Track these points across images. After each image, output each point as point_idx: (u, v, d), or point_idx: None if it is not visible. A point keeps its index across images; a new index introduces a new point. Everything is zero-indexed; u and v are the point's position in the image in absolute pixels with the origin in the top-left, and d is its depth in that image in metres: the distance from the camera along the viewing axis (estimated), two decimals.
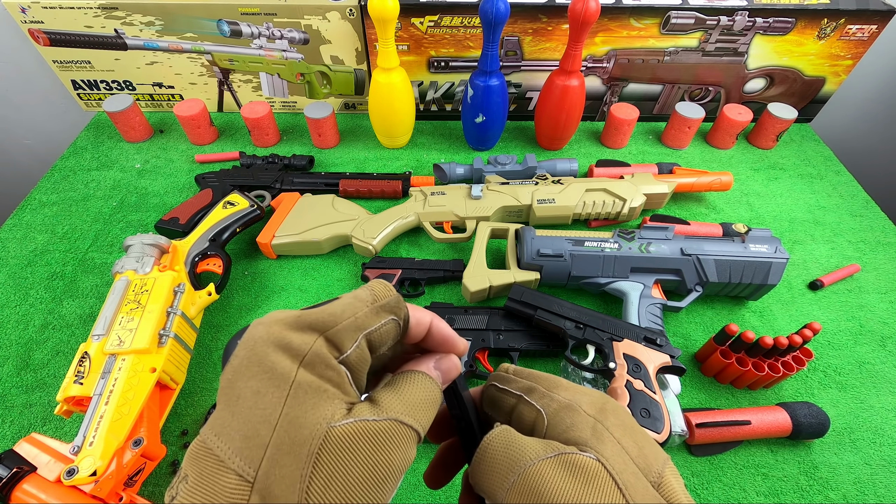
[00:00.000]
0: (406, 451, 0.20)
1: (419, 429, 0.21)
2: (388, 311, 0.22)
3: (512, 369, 0.27)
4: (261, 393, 0.18)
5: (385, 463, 0.19)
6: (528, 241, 0.64)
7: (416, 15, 0.79)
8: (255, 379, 0.18)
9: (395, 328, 0.22)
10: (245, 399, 0.18)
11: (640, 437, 0.22)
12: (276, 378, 0.18)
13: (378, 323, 0.21)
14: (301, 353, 0.19)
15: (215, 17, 0.81)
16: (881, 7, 0.79)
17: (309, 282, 0.68)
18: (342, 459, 0.18)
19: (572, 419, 0.22)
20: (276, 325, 0.20)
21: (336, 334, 0.20)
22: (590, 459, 0.20)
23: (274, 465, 0.17)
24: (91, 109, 0.98)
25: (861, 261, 0.72)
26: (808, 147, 0.92)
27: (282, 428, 0.18)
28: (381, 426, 0.19)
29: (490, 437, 0.23)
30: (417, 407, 0.21)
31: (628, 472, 0.20)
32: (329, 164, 0.86)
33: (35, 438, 0.45)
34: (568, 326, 0.56)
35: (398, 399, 0.21)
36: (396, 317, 0.22)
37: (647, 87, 0.90)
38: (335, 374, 0.20)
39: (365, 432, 0.19)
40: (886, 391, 0.58)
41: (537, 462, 0.21)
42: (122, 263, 0.58)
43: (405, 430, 0.20)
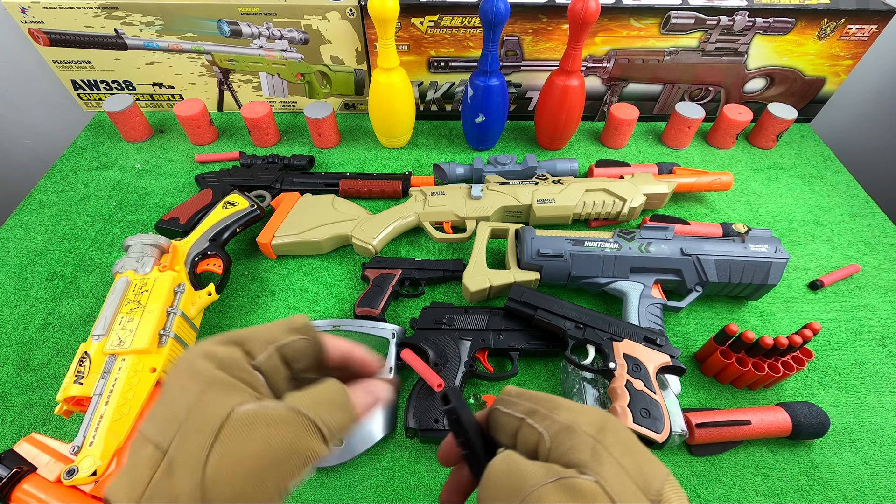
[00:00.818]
0: (303, 439, 0.23)
1: (318, 421, 0.23)
2: (299, 332, 0.27)
3: (515, 391, 0.28)
4: (184, 387, 0.22)
5: (279, 445, 0.22)
6: (528, 241, 0.64)
7: (416, 15, 0.79)
8: (182, 378, 0.23)
9: (307, 346, 0.27)
10: (172, 392, 0.23)
11: (640, 455, 0.23)
12: (197, 376, 0.23)
13: (289, 339, 0.26)
14: (221, 360, 0.23)
15: (215, 17, 0.81)
16: (881, 7, 0.79)
17: (309, 282, 0.68)
18: (239, 436, 0.21)
19: (572, 441, 0.23)
20: (206, 342, 0.25)
21: (251, 345, 0.25)
22: (588, 482, 0.21)
23: (183, 439, 0.21)
24: (91, 109, 0.98)
25: (861, 261, 0.72)
26: (808, 147, 0.92)
27: (195, 411, 0.22)
28: (279, 413, 0.23)
29: (493, 463, 0.24)
30: (319, 403, 0.24)
31: (627, 493, 0.21)
32: (329, 164, 0.86)
33: (35, 438, 0.45)
34: (568, 326, 0.56)
35: (301, 395, 0.24)
36: (307, 337, 0.28)
37: (647, 87, 0.90)
38: (248, 375, 0.24)
39: (263, 416, 0.22)
40: (886, 391, 0.58)
41: (538, 488, 0.22)
42: (122, 263, 0.58)
43: (303, 420, 0.23)
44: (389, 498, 0.50)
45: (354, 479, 0.51)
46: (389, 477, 0.51)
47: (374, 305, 0.62)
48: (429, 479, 0.51)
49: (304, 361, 0.28)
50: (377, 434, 0.52)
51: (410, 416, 0.52)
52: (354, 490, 0.50)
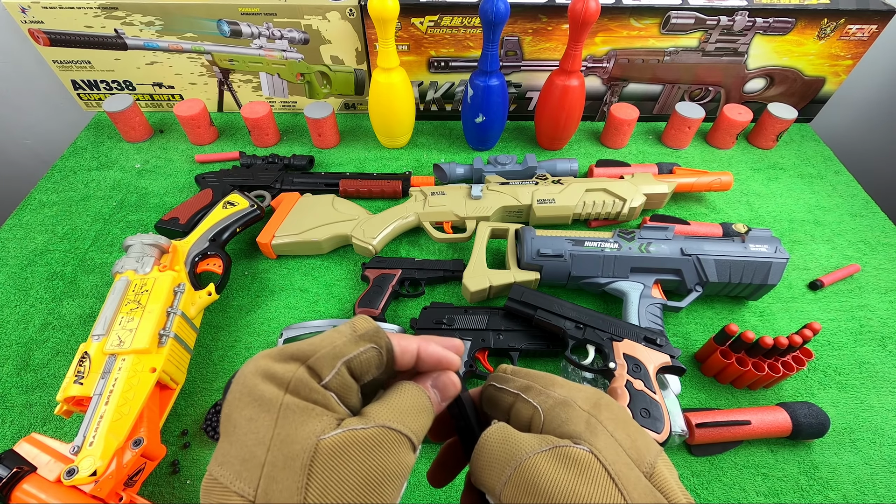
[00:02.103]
0: (398, 454, 0.21)
1: (409, 433, 0.22)
2: (366, 341, 0.24)
3: (510, 369, 0.28)
4: (253, 419, 0.20)
5: (378, 467, 0.20)
6: (528, 241, 0.64)
7: (416, 15, 0.79)
8: (247, 408, 0.20)
9: (376, 356, 0.24)
10: (240, 427, 0.20)
11: (633, 431, 0.23)
12: (266, 404, 0.20)
13: (357, 350, 0.23)
14: (286, 381, 0.21)
15: (215, 17, 0.81)
16: (881, 7, 0.79)
17: (309, 282, 0.68)
18: (334, 467, 0.19)
19: (567, 414, 0.23)
20: (261, 359, 0.21)
21: (315, 362, 0.22)
22: (583, 451, 0.21)
23: (271, 482, 0.19)
24: (91, 109, 0.98)
25: (861, 261, 0.72)
26: (808, 147, 0.92)
27: (275, 447, 0.19)
28: (370, 433, 0.21)
29: (487, 433, 0.24)
30: (405, 413, 0.22)
31: (620, 463, 0.21)
32: (329, 164, 0.86)
33: (35, 438, 0.45)
34: (568, 326, 0.56)
35: (385, 408, 0.22)
36: (376, 345, 0.24)
37: (647, 87, 0.90)
38: (320, 396, 0.21)
39: (353, 440, 0.20)
40: (886, 391, 0.58)
41: (532, 455, 0.21)
42: (122, 263, 0.58)
43: (394, 435, 0.21)
44: None
45: None
46: None
47: (374, 305, 0.62)
48: None
49: (374, 373, 0.24)
50: None
51: None
52: None
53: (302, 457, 0.19)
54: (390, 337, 0.25)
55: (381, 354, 0.24)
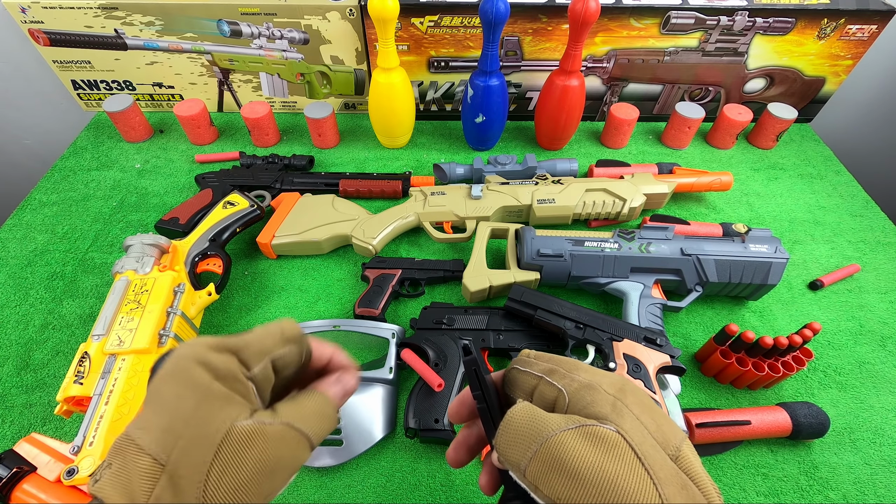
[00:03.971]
0: (295, 450, 0.24)
1: (309, 434, 0.25)
2: (292, 342, 0.27)
3: (533, 354, 0.29)
4: (181, 397, 0.22)
5: (275, 458, 0.23)
6: (528, 241, 0.64)
7: (416, 15, 0.79)
8: (178, 386, 0.23)
9: (297, 356, 0.28)
10: (168, 401, 0.23)
11: (658, 416, 0.24)
12: (195, 386, 0.23)
13: (283, 350, 0.27)
14: (217, 369, 0.24)
15: (215, 17, 0.81)
16: (881, 7, 0.79)
17: (309, 282, 0.68)
18: (239, 451, 0.22)
19: (592, 396, 0.24)
20: (200, 346, 0.24)
21: (247, 357, 0.25)
22: (610, 431, 0.21)
23: (183, 453, 0.21)
24: (91, 109, 0.98)
25: (861, 261, 0.72)
26: (808, 147, 0.92)
27: (194, 424, 0.22)
28: (275, 428, 0.24)
29: (514, 410, 0.24)
30: (309, 417, 0.25)
31: (647, 444, 0.21)
32: (329, 164, 0.86)
33: (35, 438, 0.45)
34: (568, 326, 0.56)
35: (293, 409, 0.25)
36: (299, 347, 0.28)
37: (647, 87, 0.90)
38: (242, 387, 0.24)
39: (260, 432, 0.23)
40: (886, 391, 0.58)
41: (559, 433, 0.22)
42: (122, 263, 0.58)
43: (295, 434, 0.24)
44: (389, 498, 0.50)
45: (354, 479, 0.51)
46: (389, 477, 0.51)
47: (374, 305, 0.62)
48: (429, 479, 0.51)
49: (292, 369, 0.28)
50: (377, 434, 0.52)
51: (410, 417, 0.52)
52: (354, 490, 0.50)
53: (214, 437, 0.22)
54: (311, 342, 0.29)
55: (301, 355, 0.28)
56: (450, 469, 0.51)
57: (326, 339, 0.59)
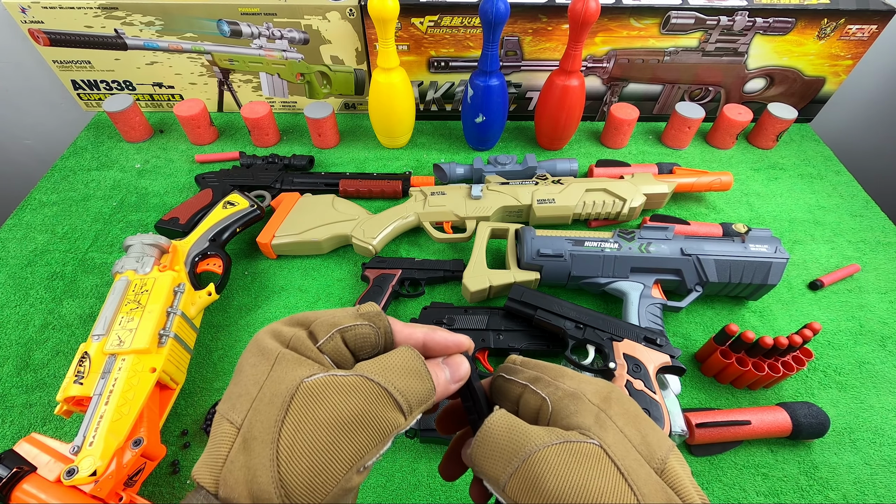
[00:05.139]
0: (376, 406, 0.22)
1: (391, 389, 0.23)
2: (364, 318, 0.26)
3: (520, 360, 0.28)
4: (255, 365, 0.23)
5: (351, 411, 0.21)
6: (528, 241, 0.64)
7: (416, 15, 0.79)
8: (253, 357, 0.24)
9: (371, 333, 0.25)
10: (244, 371, 0.23)
11: (644, 426, 0.23)
12: (267, 354, 0.23)
13: (351, 323, 0.25)
14: (287, 338, 0.24)
15: (215, 17, 0.81)
16: (881, 7, 0.79)
17: (309, 282, 0.68)
18: (310, 405, 0.21)
19: (576, 406, 0.23)
20: (273, 324, 0.25)
21: (315, 327, 0.25)
22: (592, 446, 0.21)
23: (256, 413, 0.21)
24: (91, 109, 0.98)
25: (861, 261, 0.72)
26: (808, 147, 0.92)
27: (266, 386, 0.22)
28: (349, 380, 0.22)
29: (491, 420, 0.24)
30: (392, 371, 0.23)
31: (630, 459, 0.21)
32: (329, 164, 0.86)
33: (35, 438, 0.45)
34: (568, 326, 0.56)
35: (372, 363, 0.24)
36: (373, 324, 0.26)
37: (647, 87, 0.90)
38: (314, 354, 0.24)
39: (332, 383, 0.22)
40: (886, 391, 0.58)
41: (541, 449, 0.21)
42: (122, 263, 0.58)
43: (374, 387, 0.22)
44: (389, 498, 0.50)
45: None
46: (389, 477, 0.51)
47: None
48: (429, 479, 0.51)
49: (370, 350, 0.26)
50: None
51: None
52: None
53: (284, 394, 0.21)
54: (393, 323, 0.27)
55: (377, 334, 0.26)
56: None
57: None
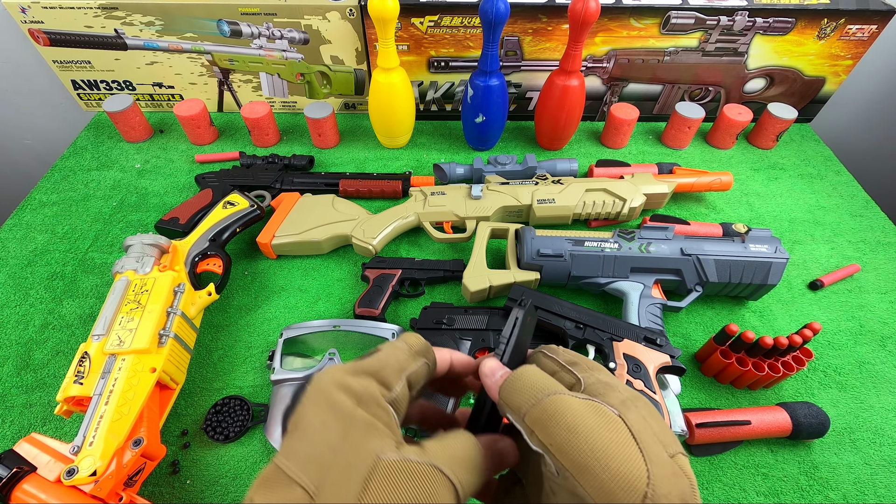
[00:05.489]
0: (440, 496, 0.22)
1: (456, 482, 0.23)
2: (421, 356, 0.27)
3: (560, 349, 0.30)
4: (326, 424, 0.22)
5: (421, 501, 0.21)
6: (528, 241, 0.64)
7: (416, 15, 0.79)
8: (323, 413, 0.22)
9: (426, 369, 0.27)
10: (313, 428, 0.22)
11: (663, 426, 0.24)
12: (339, 413, 0.22)
13: (416, 365, 0.26)
14: (359, 394, 0.23)
15: (215, 17, 0.81)
16: (881, 7, 0.79)
17: (309, 282, 0.68)
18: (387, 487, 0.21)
19: (606, 391, 0.25)
20: (338, 371, 0.24)
21: (385, 377, 0.25)
22: (614, 413, 0.23)
23: (333, 484, 0.20)
24: (91, 109, 0.98)
25: (861, 261, 0.72)
26: (808, 147, 0.92)
27: (342, 453, 0.21)
28: (422, 468, 0.22)
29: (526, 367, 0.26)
30: (459, 463, 0.23)
31: (646, 434, 0.22)
32: (329, 164, 0.86)
33: (35, 438, 0.45)
34: (568, 326, 0.56)
35: (442, 450, 0.24)
36: (427, 359, 0.27)
37: (647, 87, 0.90)
38: (384, 413, 0.23)
39: (408, 469, 0.22)
40: (886, 391, 0.58)
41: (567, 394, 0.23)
42: (122, 263, 0.58)
43: (442, 479, 0.22)
44: None
45: None
46: None
47: (374, 305, 0.62)
48: None
49: (422, 383, 0.27)
50: None
51: None
52: None
53: (363, 469, 0.21)
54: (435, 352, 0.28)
55: (429, 367, 0.27)
56: None
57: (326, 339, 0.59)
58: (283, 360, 0.56)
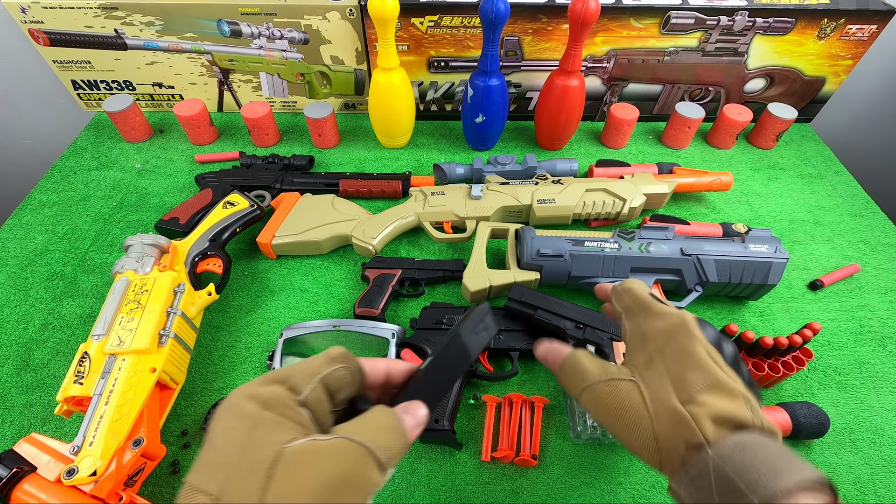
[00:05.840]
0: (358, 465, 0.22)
1: (372, 447, 0.23)
2: (338, 362, 0.27)
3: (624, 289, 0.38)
4: (231, 430, 0.22)
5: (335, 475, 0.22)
6: (528, 241, 0.64)
7: (416, 15, 0.79)
8: (228, 421, 0.23)
9: (348, 374, 0.27)
10: (219, 437, 0.23)
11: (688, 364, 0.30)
12: (244, 417, 0.23)
13: (330, 369, 0.26)
14: (266, 399, 0.24)
15: (215, 17, 0.81)
16: (881, 7, 0.79)
17: (309, 282, 0.68)
18: (294, 474, 0.21)
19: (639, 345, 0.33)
20: (247, 385, 0.25)
21: (295, 383, 0.25)
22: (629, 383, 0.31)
23: (235, 482, 0.21)
24: (91, 109, 0.98)
25: (861, 261, 0.72)
26: (808, 147, 0.92)
27: (244, 452, 0.21)
28: (330, 443, 0.23)
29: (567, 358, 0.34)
30: (370, 429, 0.24)
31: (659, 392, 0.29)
32: (329, 164, 0.86)
33: (35, 438, 0.45)
34: (568, 326, 0.56)
35: (351, 425, 0.24)
36: (346, 365, 0.27)
37: (647, 87, 0.90)
38: (294, 412, 0.24)
39: (314, 448, 0.22)
40: (886, 391, 0.58)
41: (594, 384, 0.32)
42: (122, 263, 0.58)
43: (355, 447, 0.23)
44: (389, 498, 0.50)
45: None
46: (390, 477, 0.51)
47: (374, 305, 0.62)
48: (429, 479, 0.51)
49: (347, 390, 0.27)
50: None
51: None
52: None
53: (266, 462, 0.21)
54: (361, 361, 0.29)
55: (352, 374, 0.28)
56: (450, 469, 0.51)
57: (326, 339, 0.59)
58: (283, 360, 0.56)
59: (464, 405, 0.56)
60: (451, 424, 0.51)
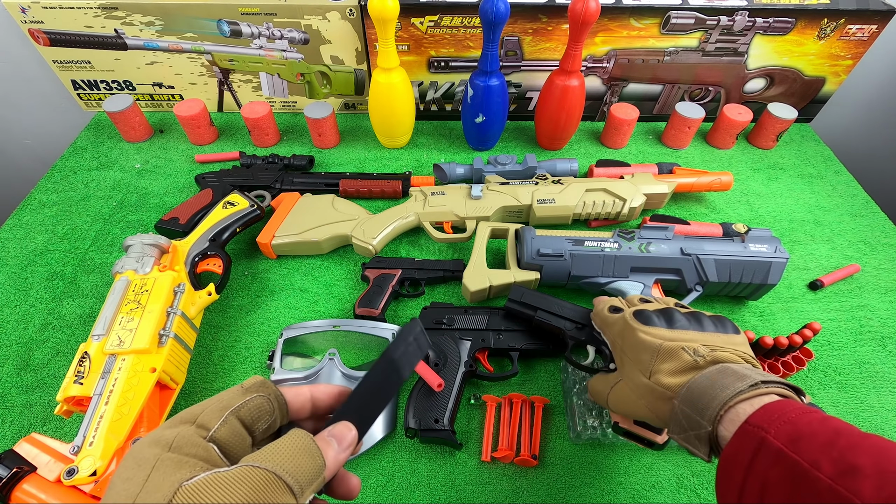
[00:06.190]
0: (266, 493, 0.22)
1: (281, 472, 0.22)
2: (252, 391, 0.27)
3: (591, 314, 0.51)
4: (129, 479, 0.22)
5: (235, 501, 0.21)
6: (528, 240, 0.64)
7: (416, 15, 0.79)
8: (126, 470, 0.22)
9: (265, 403, 0.27)
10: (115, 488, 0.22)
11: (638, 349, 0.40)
12: (143, 464, 0.22)
13: (242, 400, 0.26)
14: (168, 441, 0.23)
15: (215, 17, 0.81)
16: (881, 7, 0.79)
17: (309, 282, 0.68)
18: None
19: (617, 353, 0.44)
20: (155, 430, 0.24)
21: (204, 418, 0.24)
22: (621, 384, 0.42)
23: None
24: (91, 109, 0.98)
25: (861, 261, 0.72)
26: (808, 147, 0.92)
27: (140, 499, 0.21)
28: (233, 473, 0.22)
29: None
30: (281, 454, 0.23)
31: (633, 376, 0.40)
32: (329, 164, 0.86)
33: (35, 438, 0.45)
34: (568, 327, 0.56)
35: (261, 452, 0.24)
36: (262, 394, 0.27)
37: (647, 87, 0.90)
38: (200, 450, 0.23)
39: (214, 481, 0.21)
40: (886, 391, 0.58)
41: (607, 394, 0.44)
42: (122, 263, 0.58)
43: (261, 474, 0.22)
44: (389, 498, 0.50)
45: None
46: (389, 477, 0.51)
47: (374, 305, 0.62)
48: (429, 479, 0.51)
49: (266, 419, 0.27)
50: (377, 434, 0.52)
51: (410, 417, 0.52)
52: None
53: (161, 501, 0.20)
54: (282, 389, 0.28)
55: (269, 402, 0.27)
56: (450, 469, 0.51)
57: (326, 339, 0.59)
58: (283, 360, 0.56)
59: (464, 405, 0.56)
60: (451, 424, 0.51)
